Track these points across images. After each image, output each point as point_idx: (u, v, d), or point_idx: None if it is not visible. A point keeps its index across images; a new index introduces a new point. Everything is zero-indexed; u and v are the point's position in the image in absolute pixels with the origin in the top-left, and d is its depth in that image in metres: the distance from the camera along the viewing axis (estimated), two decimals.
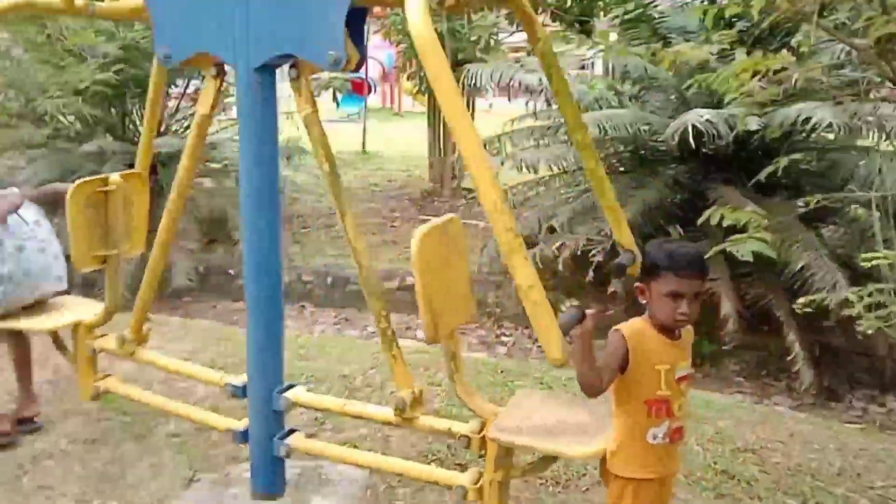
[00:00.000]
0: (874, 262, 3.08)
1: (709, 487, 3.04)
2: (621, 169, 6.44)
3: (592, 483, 3.00)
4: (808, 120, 4.69)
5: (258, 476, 2.81)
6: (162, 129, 7.66)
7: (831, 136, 5.82)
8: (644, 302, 2.00)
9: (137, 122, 7.97)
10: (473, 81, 6.56)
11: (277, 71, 2.53)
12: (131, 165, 3.71)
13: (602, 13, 7.39)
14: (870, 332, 2.96)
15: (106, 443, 3.25)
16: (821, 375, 5.35)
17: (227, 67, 2.59)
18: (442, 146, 9.73)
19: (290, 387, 2.76)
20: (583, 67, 9.35)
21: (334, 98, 7.83)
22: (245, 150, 2.49)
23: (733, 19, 5.07)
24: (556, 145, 6.29)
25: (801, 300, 3.07)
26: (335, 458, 2.77)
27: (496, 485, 2.37)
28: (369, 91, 15.99)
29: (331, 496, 2.89)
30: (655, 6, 6.21)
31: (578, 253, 5.43)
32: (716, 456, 3.28)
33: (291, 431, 2.79)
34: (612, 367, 1.96)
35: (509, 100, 6.72)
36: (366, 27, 2.43)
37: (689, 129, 4.47)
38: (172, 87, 7.65)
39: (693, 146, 4.77)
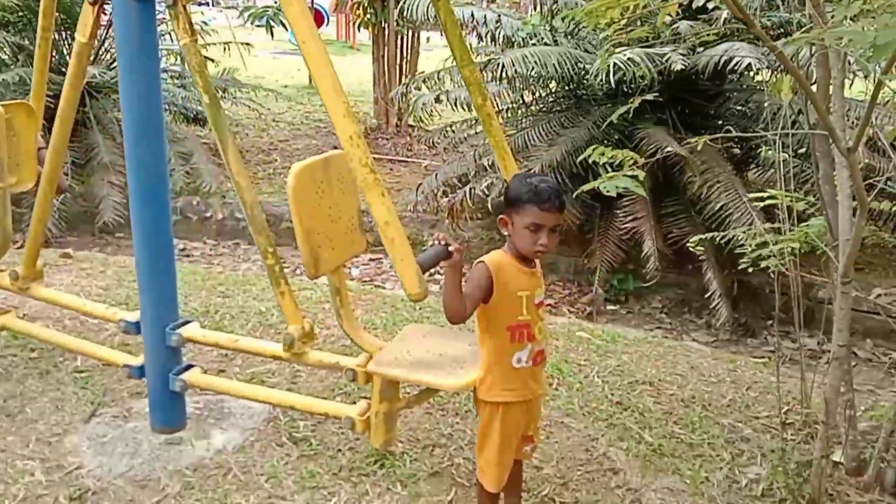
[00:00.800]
0: (767, 202, 3.18)
1: (602, 418, 3.15)
2: (556, 108, 6.42)
3: None
4: (731, 60, 4.71)
5: (156, 411, 2.82)
6: (91, 59, 7.36)
7: (759, 78, 5.87)
8: (506, 234, 2.05)
9: (65, 52, 7.66)
10: (410, 14, 6.42)
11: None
12: (55, 97, 3.55)
13: None
14: (772, 270, 3.08)
15: (8, 378, 3.23)
16: (738, 312, 5.54)
17: None
18: (387, 82, 9.55)
19: (185, 323, 2.76)
20: None
21: (269, 29, 7.57)
22: (125, 80, 2.42)
23: None
24: (490, 83, 6.22)
25: (694, 238, 3.17)
26: (229, 392, 2.80)
27: (382, 416, 2.42)
28: (321, 22, 15.48)
29: (231, 429, 2.93)
30: None
31: None
32: (613, 388, 3.39)
33: (189, 367, 2.81)
34: (476, 297, 2.03)
35: (441, 35, 6.57)
36: None
37: (611, 68, 4.46)
38: (103, 14, 7.30)
39: (613, 85, 4.76)
